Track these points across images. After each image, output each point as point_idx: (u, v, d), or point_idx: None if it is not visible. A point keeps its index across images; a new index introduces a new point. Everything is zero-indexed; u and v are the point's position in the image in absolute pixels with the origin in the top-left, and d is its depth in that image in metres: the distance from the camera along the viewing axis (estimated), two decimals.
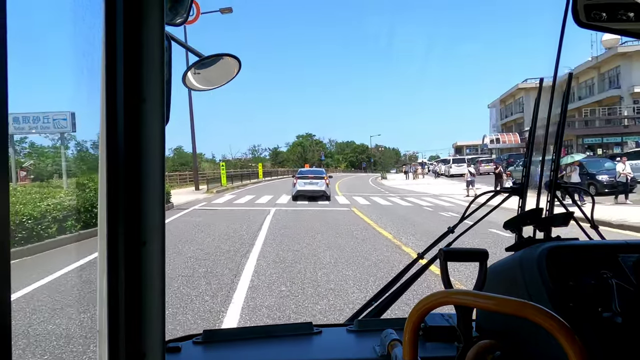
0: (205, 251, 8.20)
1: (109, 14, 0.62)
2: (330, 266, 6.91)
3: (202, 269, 6.78)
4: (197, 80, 1.20)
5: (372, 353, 1.09)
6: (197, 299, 5.31)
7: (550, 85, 1.33)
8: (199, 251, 8.20)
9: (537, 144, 1.40)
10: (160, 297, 0.66)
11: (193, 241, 9.26)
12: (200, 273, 6.55)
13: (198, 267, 6.92)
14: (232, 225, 11.62)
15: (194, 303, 5.17)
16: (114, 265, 0.64)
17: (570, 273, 0.95)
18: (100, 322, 0.65)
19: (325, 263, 7.13)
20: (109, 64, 0.62)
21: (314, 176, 19.61)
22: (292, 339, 1.24)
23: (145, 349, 0.65)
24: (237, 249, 8.37)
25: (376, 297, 1.54)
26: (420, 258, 1.61)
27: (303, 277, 6.23)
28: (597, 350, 0.82)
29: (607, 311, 0.87)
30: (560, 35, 1.23)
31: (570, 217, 1.22)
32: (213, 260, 7.40)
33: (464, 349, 0.80)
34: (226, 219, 13.09)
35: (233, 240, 9.42)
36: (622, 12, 0.96)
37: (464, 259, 0.98)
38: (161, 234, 0.66)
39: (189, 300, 5.29)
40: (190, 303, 5.17)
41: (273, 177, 49.33)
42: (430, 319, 1.16)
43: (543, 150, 1.39)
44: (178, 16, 0.94)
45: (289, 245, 8.68)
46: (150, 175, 0.65)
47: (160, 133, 0.65)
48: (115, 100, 0.63)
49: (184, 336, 1.25)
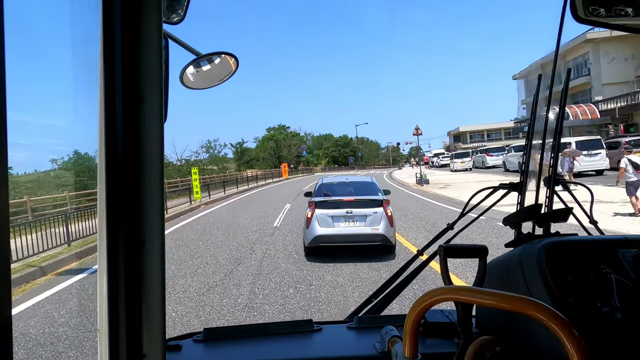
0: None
1: (106, 13, 0.62)
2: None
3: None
4: (195, 79, 1.20)
5: (373, 350, 1.09)
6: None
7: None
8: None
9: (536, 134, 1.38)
10: (160, 295, 0.66)
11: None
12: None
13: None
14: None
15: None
16: (114, 264, 0.64)
17: (570, 268, 0.95)
18: (101, 321, 0.65)
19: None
20: (107, 63, 0.62)
21: (355, 200, 7.50)
22: (293, 336, 1.24)
23: (145, 348, 0.65)
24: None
25: (376, 294, 1.54)
26: (420, 254, 1.61)
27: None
28: (597, 345, 0.82)
29: (607, 306, 0.88)
30: (558, 30, 1.23)
31: (569, 213, 1.22)
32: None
33: (464, 345, 0.80)
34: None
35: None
36: (621, 8, 0.96)
37: (463, 255, 0.98)
38: (161, 233, 0.66)
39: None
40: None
41: (260, 183, 34.57)
42: (430, 316, 1.16)
43: (542, 144, 1.39)
44: (175, 15, 0.94)
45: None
46: (149, 174, 0.64)
47: (159, 131, 0.65)
48: (114, 98, 0.63)
49: (184, 334, 1.26)
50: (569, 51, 33.57)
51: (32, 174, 23.04)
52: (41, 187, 19.94)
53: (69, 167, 23.12)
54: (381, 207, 7.35)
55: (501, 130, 61.83)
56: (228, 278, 6.51)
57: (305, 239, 7.57)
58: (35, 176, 22.87)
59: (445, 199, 16.21)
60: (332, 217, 7.33)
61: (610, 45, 30.40)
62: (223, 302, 5.40)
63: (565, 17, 1.13)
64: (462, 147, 56.94)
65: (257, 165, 59.30)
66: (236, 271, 6.90)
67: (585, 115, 29.60)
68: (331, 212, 7.35)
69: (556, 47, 1.27)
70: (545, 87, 1.39)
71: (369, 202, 7.43)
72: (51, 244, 8.87)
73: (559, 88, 1.34)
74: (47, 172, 24.07)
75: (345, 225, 7.35)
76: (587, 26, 1.04)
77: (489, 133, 63.76)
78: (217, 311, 5.11)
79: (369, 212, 7.30)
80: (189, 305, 5.34)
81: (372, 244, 7.29)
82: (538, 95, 1.45)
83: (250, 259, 7.65)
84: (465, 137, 65.54)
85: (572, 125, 29.20)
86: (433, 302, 0.69)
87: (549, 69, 1.34)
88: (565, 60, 34.51)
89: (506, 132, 60.05)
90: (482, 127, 63.99)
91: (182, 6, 0.94)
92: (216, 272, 6.90)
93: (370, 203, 7.41)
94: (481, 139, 62.60)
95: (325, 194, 7.82)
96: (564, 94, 1.33)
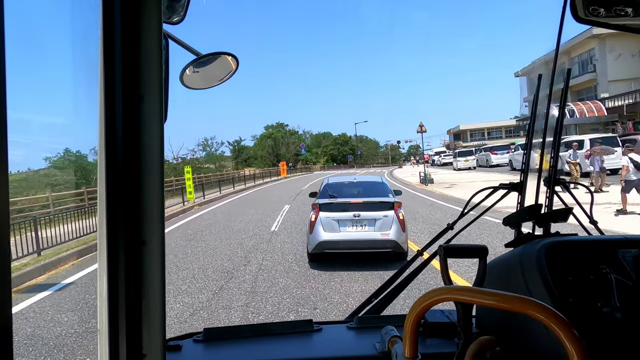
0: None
1: (106, 12, 0.62)
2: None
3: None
4: (195, 79, 1.20)
5: (373, 350, 1.09)
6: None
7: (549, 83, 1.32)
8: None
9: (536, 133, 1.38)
10: (160, 295, 0.66)
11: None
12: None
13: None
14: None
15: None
16: (114, 264, 0.64)
17: (570, 268, 0.95)
18: (101, 321, 0.65)
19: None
20: (107, 63, 0.62)
21: (364, 202, 6.88)
22: (293, 336, 1.24)
23: (145, 348, 0.66)
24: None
25: (376, 294, 1.54)
26: (420, 255, 1.61)
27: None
28: (597, 345, 0.82)
29: (607, 306, 0.88)
30: (558, 30, 1.23)
31: (570, 213, 1.23)
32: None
33: (464, 345, 0.80)
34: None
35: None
36: (620, 8, 0.96)
37: (463, 255, 0.98)
38: (161, 233, 0.66)
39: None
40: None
41: (258, 182, 33.42)
42: (430, 316, 1.16)
43: (542, 145, 1.40)
44: (175, 15, 0.94)
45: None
46: (149, 174, 0.64)
47: (159, 131, 0.65)
48: (114, 98, 0.63)
49: (184, 334, 1.26)
50: (574, 47, 32.90)
51: (19, 173, 21.99)
52: (31, 187, 19.24)
53: (59, 165, 22.45)
54: (392, 210, 6.64)
55: (502, 128, 61.56)
56: (217, 297, 5.67)
57: (308, 245, 6.97)
58: (26, 175, 22.02)
59: (453, 200, 15.46)
60: (338, 220, 6.66)
61: (616, 41, 29.73)
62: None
63: (565, 17, 1.13)
64: (462, 145, 56.22)
65: (255, 164, 57.77)
66: (227, 288, 6.06)
67: (591, 112, 28.88)
68: (337, 216, 6.69)
69: (556, 47, 1.27)
70: (546, 85, 1.39)
71: (378, 204, 6.74)
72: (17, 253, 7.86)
73: (560, 87, 1.34)
74: (37, 171, 23.13)
75: (353, 229, 6.65)
76: (587, 26, 1.04)
77: (490, 131, 63.36)
78: None
79: (379, 215, 6.62)
80: (167, 334, 5.00)
81: (382, 250, 6.61)
82: (538, 94, 1.45)
83: (244, 273, 6.82)
84: (465, 135, 65.10)
85: (578, 123, 28.59)
86: (433, 302, 0.69)
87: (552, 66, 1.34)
88: (570, 57, 33.82)
89: (507, 130, 59.67)
90: (482, 125, 63.64)
91: (182, 6, 0.94)
92: (204, 289, 6.08)
93: (380, 206, 6.72)
94: (482, 137, 62.18)
95: (330, 195, 7.19)
96: (564, 93, 1.33)
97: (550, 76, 1.34)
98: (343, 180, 8.14)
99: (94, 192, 15.30)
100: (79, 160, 21.66)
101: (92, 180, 19.73)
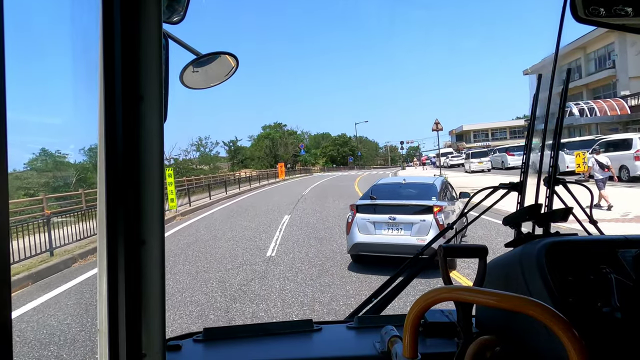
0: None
1: (106, 12, 0.62)
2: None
3: None
4: (195, 79, 1.20)
5: (373, 349, 1.09)
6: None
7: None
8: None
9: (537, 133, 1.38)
10: (160, 295, 0.66)
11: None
12: None
13: None
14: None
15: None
16: (114, 264, 0.64)
17: (570, 268, 0.95)
18: (101, 321, 0.65)
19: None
20: (107, 62, 0.62)
21: (400, 205, 6.51)
22: (293, 336, 1.24)
23: (145, 348, 0.66)
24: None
25: (376, 293, 1.54)
26: (420, 254, 1.61)
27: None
28: (597, 345, 0.82)
29: (607, 306, 0.88)
30: (558, 30, 1.23)
31: (569, 213, 1.23)
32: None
33: (464, 345, 0.80)
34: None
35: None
36: (620, 7, 0.96)
37: (463, 255, 0.98)
38: (160, 233, 0.66)
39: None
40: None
41: (254, 185, 29.87)
42: (430, 315, 1.16)
43: (542, 144, 1.40)
44: (175, 15, 0.94)
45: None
46: (149, 174, 0.65)
47: (158, 131, 0.65)
48: (114, 98, 0.63)
49: (184, 334, 1.26)
50: (590, 42, 30.53)
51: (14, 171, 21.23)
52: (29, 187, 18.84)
53: (39, 167, 21.71)
54: (431, 214, 6.15)
55: (506, 129, 60.63)
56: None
57: (348, 243, 6.70)
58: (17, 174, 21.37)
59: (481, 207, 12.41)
60: (374, 223, 6.37)
61: (639, 35, 28.76)
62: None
63: (565, 17, 1.13)
64: (465, 146, 55.27)
65: (251, 165, 55.40)
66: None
67: (613, 110, 26.60)
68: (373, 217, 6.38)
69: (556, 47, 1.28)
70: (559, 82, 1.37)
71: (416, 207, 6.29)
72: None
73: (576, 84, 1.33)
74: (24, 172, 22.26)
75: (388, 233, 6.31)
76: (587, 26, 1.04)
77: (494, 132, 62.35)
78: None
79: (416, 219, 6.18)
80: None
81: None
82: (538, 94, 1.45)
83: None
84: (468, 136, 63.82)
85: (599, 122, 26.54)
86: (433, 302, 0.69)
87: (563, 63, 1.34)
88: (585, 52, 31.71)
89: (512, 130, 58.75)
90: (486, 125, 62.56)
91: (182, 6, 0.94)
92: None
93: (417, 209, 6.26)
94: (485, 138, 61.15)
95: (371, 196, 6.84)
96: (564, 93, 1.33)
97: (551, 76, 1.34)
98: (392, 181, 7.84)
99: (93, 193, 15.12)
100: (76, 160, 21.30)
101: (90, 181, 19.52)
